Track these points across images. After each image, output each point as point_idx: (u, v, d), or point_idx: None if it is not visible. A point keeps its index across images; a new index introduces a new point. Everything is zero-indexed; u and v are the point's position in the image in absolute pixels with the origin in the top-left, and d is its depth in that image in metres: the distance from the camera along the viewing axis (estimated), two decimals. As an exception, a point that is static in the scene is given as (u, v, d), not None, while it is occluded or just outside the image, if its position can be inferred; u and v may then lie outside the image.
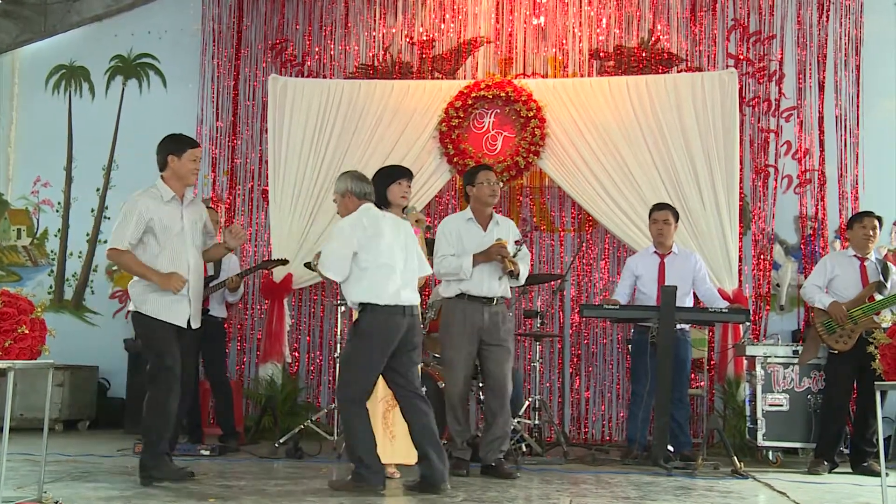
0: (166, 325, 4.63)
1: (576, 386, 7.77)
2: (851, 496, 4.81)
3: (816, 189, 7.65)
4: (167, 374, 4.57)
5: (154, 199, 4.69)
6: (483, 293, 5.27)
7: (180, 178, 4.77)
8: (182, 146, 4.79)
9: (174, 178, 4.76)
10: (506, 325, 5.34)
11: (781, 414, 6.15)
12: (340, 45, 8.41)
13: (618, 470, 5.65)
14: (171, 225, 4.69)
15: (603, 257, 7.90)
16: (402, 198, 5.11)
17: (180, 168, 4.75)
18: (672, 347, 5.74)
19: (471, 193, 5.46)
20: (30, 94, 9.02)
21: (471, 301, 5.27)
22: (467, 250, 5.29)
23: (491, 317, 5.28)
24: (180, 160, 4.74)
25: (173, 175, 4.76)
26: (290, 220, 7.71)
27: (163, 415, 4.56)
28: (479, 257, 5.24)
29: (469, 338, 5.25)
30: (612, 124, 7.48)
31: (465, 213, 5.50)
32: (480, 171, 5.51)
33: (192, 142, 4.89)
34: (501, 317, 5.33)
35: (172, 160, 4.74)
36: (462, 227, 5.41)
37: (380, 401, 4.99)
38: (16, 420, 6.79)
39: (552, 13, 8.13)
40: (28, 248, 8.84)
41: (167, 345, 4.60)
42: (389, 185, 5.02)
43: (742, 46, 7.88)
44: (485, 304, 5.27)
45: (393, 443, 4.98)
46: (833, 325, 5.78)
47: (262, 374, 7.62)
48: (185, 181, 4.81)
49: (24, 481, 4.47)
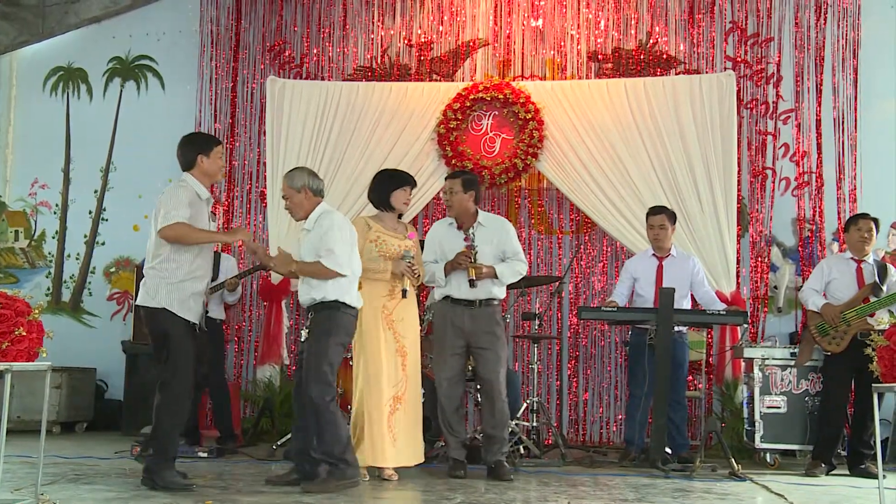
0: (186, 323, 4.55)
1: (574, 388, 7.77)
2: (849, 498, 4.81)
3: (814, 191, 7.65)
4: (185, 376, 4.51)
5: (192, 195, 4.60)
6: (463, 296, 5.29)
7: (210, 176, 4.75)
8: (210, 144, 4.76)
9: (203, 176, 4.71)
10: (491, 328, 5.30)
11: (779, 416, 6.15)
12: (339, 46, 8.41)
13: (615, 472, 5.65)
14: (203, 223, 4.64)
15: (601, 259, 7.90)
16: (404, 204, 5.15)
17: (210, 166, 4.70)
18: (670, 349, 5.74)
19: None
20: (28, 95, 9.02)
21: (453, 304, 5.32)
22: (448, 254, 5.34)
23: (475, 320, 5.27)
24: (209, 158, 4.70)
25: (202, 173, 4.70)
26: (287, 222, 7.68)
27: (177, 419, 4.49)
28: (447, 266, 5.29)
29: (453, 339, 5.27)
30: (611, 126, 7.49)
31: (448, 218, 5.53)
32: (446, 178, 5.62)
33: (216, 139, 4.90)
34: (487, 319, 5.31)
35: (202, 159, 4.68)
36: (444, 232, 5.46)
37: (385, 403, 5.00)
38: (13, 422, 6.77)
39: (550, 15, 8.14)
40: (26, 250, 8.84)
41: (185, 344, 4.54)
42: (395, 190, 5.07)
43: (740, 49, 7.89)
44: (466, 306, 5.29)
45: (395, 445, 5.00)
46: (826, 328, 5.79)
47: (260, 375, 7.62)
48: (214, 178, 4.83)
49: (22, 483, 4.46)
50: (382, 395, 5.00)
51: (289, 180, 4.75)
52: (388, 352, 5.06)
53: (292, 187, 4.72)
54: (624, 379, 7.50)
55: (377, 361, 5.03)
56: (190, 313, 4.56)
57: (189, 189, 4.61)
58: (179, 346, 4.49)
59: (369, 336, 5.06)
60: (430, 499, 4.33)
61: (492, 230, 5.40)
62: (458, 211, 5.41)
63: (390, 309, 5.10)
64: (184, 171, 4.71)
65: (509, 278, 5.40)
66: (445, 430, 5.31)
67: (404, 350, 5.11)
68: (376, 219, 5.21)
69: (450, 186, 5.44)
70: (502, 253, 5.39)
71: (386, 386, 5.01)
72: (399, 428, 5.02)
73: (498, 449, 5.22)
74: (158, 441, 4.46)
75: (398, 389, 5.06)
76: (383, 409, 4.99)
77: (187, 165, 4.72)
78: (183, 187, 4.60)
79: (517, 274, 5.41)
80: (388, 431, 4.99)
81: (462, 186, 5.39)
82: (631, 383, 6.21)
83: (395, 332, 5.10)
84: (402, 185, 5.18)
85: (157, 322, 4.51)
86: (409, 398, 5.10)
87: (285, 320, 7.76)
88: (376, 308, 5.07)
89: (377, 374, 5.01)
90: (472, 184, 5.47)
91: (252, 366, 7.95)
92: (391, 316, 5.10)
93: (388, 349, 5.06)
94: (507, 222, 5.63)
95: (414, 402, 5.15)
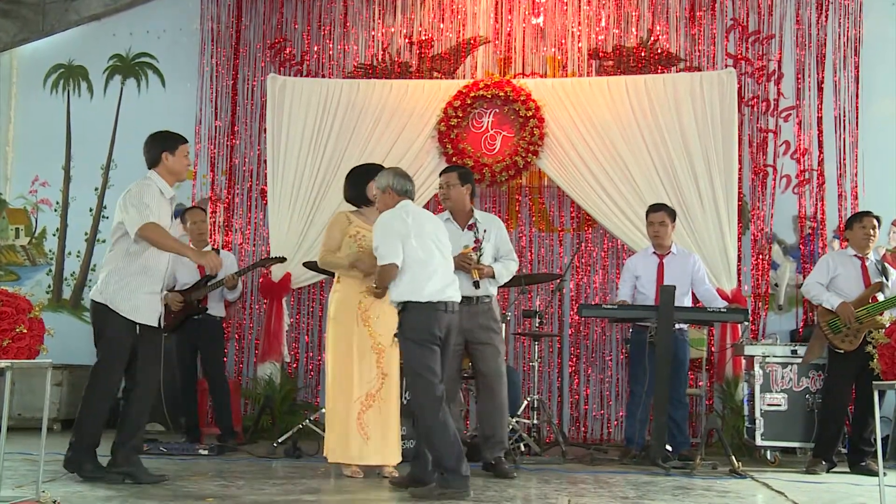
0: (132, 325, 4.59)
1: (574, 385, 7.77)
2: (849, 496, 4.81)
3: (815, 189, 7.65)
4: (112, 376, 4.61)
5: (155, 193, 4.66)
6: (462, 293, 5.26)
7: (175, 174, 4.78)
8: (175, 142, 4.79)
9: (168, 174, 4.76)
10: (488, 323, 5.32)
11: (780, 413, 6.15)
12: (339, 44, 8.40)
13: (616, 469, 5.65)
14: (166, 221, 4.68)
15: (602, 257, 7.90)
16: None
17: (175, 164, 4.76)
18: (671, 347, 5.74)
19: None
20: (28, 93, 9.01)
21: None
22: None
23: (471, 316, 5.25)
24: (174, 156, 4.75)
25: (167, 171, 4.75)
26: (288, 219, 7.71)
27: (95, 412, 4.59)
28: None
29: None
30: (611, 124, 7.48)
31: (444, 213, 5.51)
32: (441, 174, 5.61)
33: (183, 138, 4.90)
34: (482, 315, 5.31)
35: (167, 157, 4.73)
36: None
37: (355, 401, 4.95)
38: (14, 419, 6.77)
39: (551, 13, 8.13)
40: (26, 248, 8.84)
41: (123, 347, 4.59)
42: (370, 182, 5.01)
43: (741, 46, 7.88)
44: (463, 304, 5.26)
45: (367, 444, 4.94)
46: (838, 325, 5.77)
47: (260, 373, 7.62)
48: (179, 177, 4.85)
49: (22, 480, 4.47)
50: (352, 391, 4.93)
51: (376, 181, 4.73)
52: (362, 349, 4.98)
53: (378, 187, 4.71)
54: (624, 376, 7.50)
55: (348, 357, 4.97)
56: (138, 314, 4.59)
57: (153, 187, 4.66)
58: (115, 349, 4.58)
59: (342, 332, 5.01)
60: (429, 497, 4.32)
61: (487, 226, 5.42)
62: (455, 205, 5.41)
63: (366, 305, 5.02)
64: (149, 169, 4.77)
65: (505, 278, 5.44)
66: None
67: (380, 347, 5.00)
68: (358, 214, 5.19)
69: (446, 180, 5.44)
70: (497, 251, 5.43)
71: (357, 383, 4.94)
72: (372, 426, 4.94)
73: (499, 446, 5.22)
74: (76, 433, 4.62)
75: (371, 387, 4.96)
76: (351, 406, 4.94)
77: (152, 163, 4.78)
78: (147, 185, 4.65)
79: (511, 274, 5.48)
80: (358, 429, 4.92)
81: (459, 180, 5.41)
82: (631, 381, 6.21)
83: (370, 329, 5.01)
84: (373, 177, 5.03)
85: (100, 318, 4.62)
86: (384, 396, 4.99)
87: (286, 318, 7.76)
88: (352, 304, 5.02)
89: (347, 371, 4.96)
90: (468, 177, 5.49)
91: (252, 363, 7.95)
92: (367, 312, 5.02)
93: (360, 346, 4.98)
94: (499, 220, 5.67)
95: (390, 400, 5.02)
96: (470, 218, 5.41)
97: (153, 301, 4.69)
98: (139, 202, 4.56)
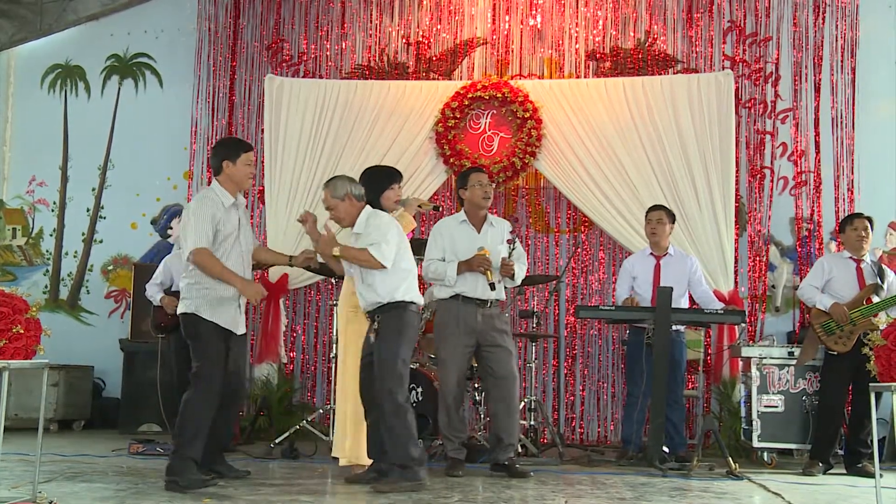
0: (219, 330, 4.57)
1: (571, 387, 7.77)
2: (846, 497, 4.81)
3: (812, 191, 7.65)
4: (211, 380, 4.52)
5: (216, 205, 4.60)
6: (477, 295, 5.27)
7: (236, 183, 4.72)
8: (236, 150, 4.73)
9: (229, 182, 4.70)
10: (502, 326, 5.35)
11: (776, 415, 6.16)
12: (337, 45, 8.41)
13: (613, 471, 5.65)
14: (231, 231, 4.63)
15: (599, 258, 7.91)
16: (395, 202, 5.13)
17: (236, 173, 4.70)
18: (668, 348, 5.74)
19: (464, 196, 5.47)
20: (25, 93, 9.01)
21: (465, 302, 5.28)
22: (459, 252, 5.30)
23: (485, 318, 5.27)
24: (235, 165, 4.69)
25: (228, 180, 4.70)
26: (285, 220, 7.70)
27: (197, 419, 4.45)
28: (462, 265, 5.25)
29: (463, 338, 5.24)
30: (609, 125, 7.49)
31: (458, 215, 5.50)
32: (472, 173, 5.52)
33: (246, 145, 4.85)
34: (496, 318, 5.34)
35: (227, 165, 4.68)
36: (455, 229, 5.41)
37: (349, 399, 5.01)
38: (10, 420, 6.75)
39: (548, 14, 8.13)
40: (23, 248, 8.83)
41: (218, 352, 4.56)
42: (385, 192, 5.01)
43: (738, 48, 7.89)
44: (479, 305, 5.28)
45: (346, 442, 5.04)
46: (832, 326, 5.78)
47: (257, 374, 7.61)
48: (241, 185, 4.76)
49: (19, 481, 4.46)
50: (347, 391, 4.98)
51: (331, 191, 4.70)
52: None
53: (336, 197, 4.69)
54: (621, 378, 7.51)
55: None
56: (219, 318, 4.56)
57: (210, 201, 4.60)
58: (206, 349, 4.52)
59: (356, 333, 5.01)
60: (427, 497, 4.32)
61: (500, 229, 5.46)
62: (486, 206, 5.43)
63: None
64: (214, 177, 4.74)
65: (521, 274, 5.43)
66: (448, 429, 5.29)
67: None
68: None
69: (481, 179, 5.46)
70: None
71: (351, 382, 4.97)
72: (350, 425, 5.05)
73: (511, 448, 5.24)
74: (175, 439, 4.49)
75: None
76: (346, 404, 5.01)
77: (215, 171, 4.74)
78: (205, 201, 4.59)
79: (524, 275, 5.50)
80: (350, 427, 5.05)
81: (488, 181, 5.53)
82: (629, 382, 6.22)
83: None
84: (392, 183, 5.09)
85: (187, 326, 4.59)
86: None
87: (283, 319, 7.75)
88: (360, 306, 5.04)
89: None
90: None
91: (249, 364, 7.93)
92: None
93: None
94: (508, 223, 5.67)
95: None
96: (484, 221, 5.44)
97: (231, 308, 4.63)
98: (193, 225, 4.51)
